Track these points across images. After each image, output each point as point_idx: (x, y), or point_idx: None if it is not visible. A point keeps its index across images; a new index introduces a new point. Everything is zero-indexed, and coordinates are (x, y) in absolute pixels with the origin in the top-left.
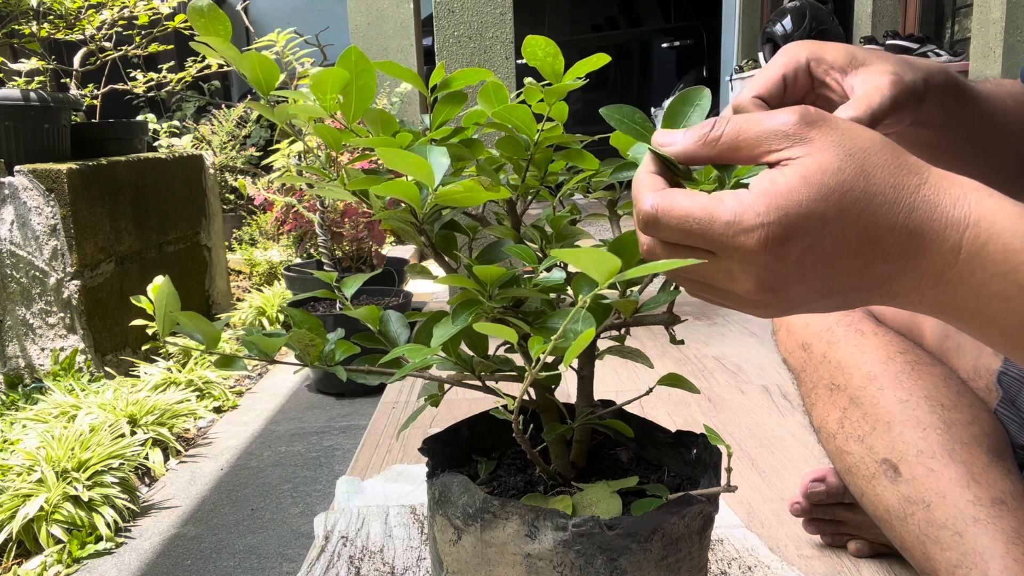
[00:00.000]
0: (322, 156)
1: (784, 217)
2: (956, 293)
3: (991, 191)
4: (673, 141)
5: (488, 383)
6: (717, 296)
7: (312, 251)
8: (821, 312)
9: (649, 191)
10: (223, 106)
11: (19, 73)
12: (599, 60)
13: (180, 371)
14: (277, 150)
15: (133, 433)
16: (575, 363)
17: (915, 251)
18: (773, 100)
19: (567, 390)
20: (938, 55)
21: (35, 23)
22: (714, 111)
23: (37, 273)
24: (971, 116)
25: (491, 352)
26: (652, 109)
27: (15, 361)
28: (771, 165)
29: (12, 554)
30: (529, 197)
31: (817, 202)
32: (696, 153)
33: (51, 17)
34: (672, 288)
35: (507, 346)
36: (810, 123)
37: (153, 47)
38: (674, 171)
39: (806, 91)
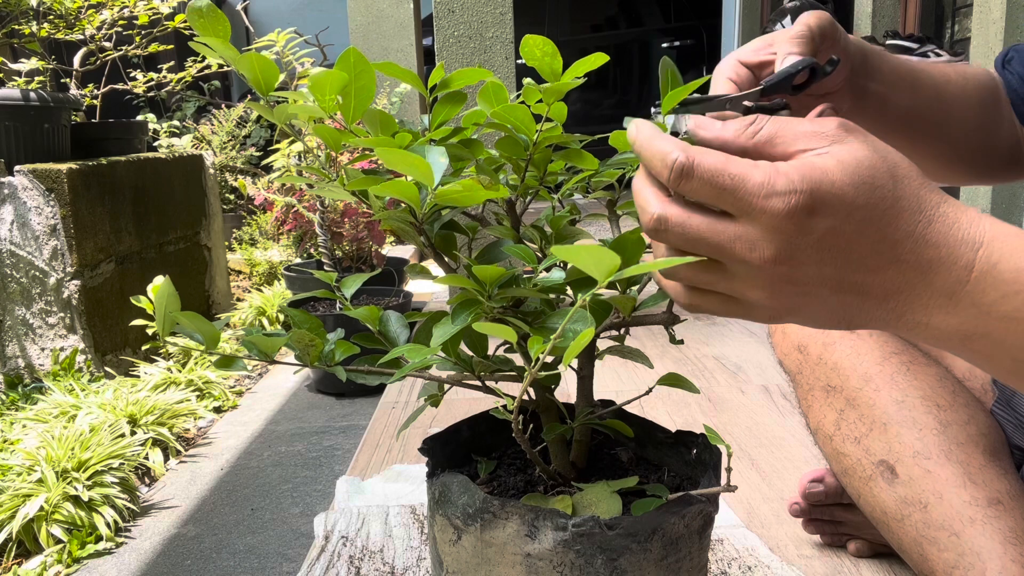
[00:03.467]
0: (322, 156)
1: (816, 190)
2: (965, 315)
3: (1002, 222)
4: (711, 127)
5: (488, 383)
6: (722, 285)
7: (312, 251)
8: (823, 319)
9: (677, 143)
10: (223, 106)
11: (19, 73)
12: (597, 59)
13: (180, 371)
14: (277, 150)
15: (133, 433)
16: (575, 363)
17: (928, 265)
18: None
19: (567, 390)
20: (938, 55)
21: (35, 23)
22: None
23: (37, 273)
24: (909, 83)
25: (491, 352)
26: (652, 109)
27: (15, 361)
28: None
29: (12, 554)
30: (528, 197)
31: (848, 187)
32: (731, 141)
33: (51, 17)
34: None
35: (507, 346)
36: (848, 129)
37: (153, 47)
38: None
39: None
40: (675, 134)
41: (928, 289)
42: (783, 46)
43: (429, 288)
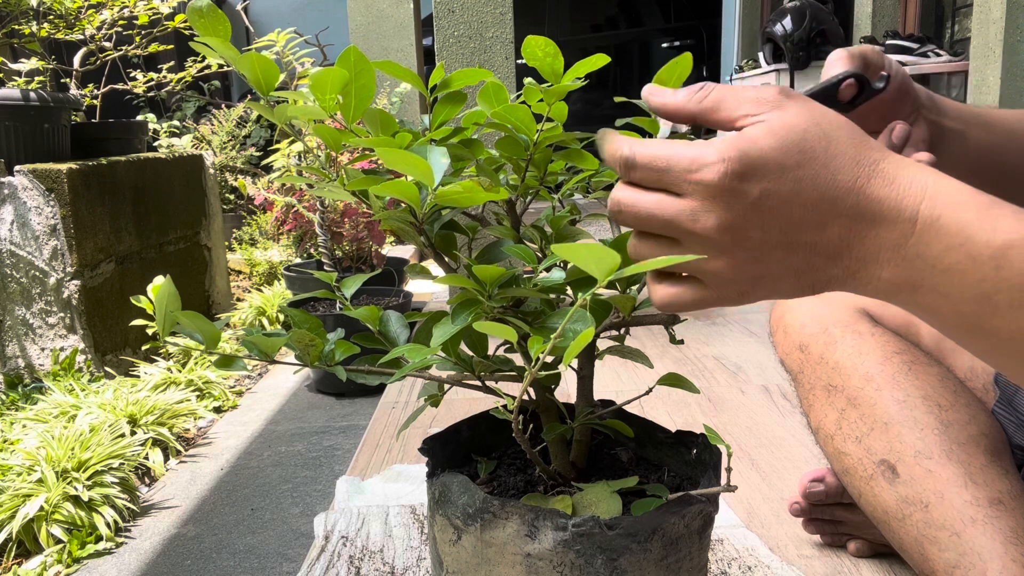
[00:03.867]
0: (322, 156)
1: (744, 156)
2: (913, 267)
3: (944, 174)
4: (663, 93)
5: (488, 383)
6: (677, 250)
7: (312, 251)
8: (788, 285)
9: (626, 140)
10: (223, 106)
11: (19, 73)
12: (599, 60)
13: (180, 371)
14: (277, 150)
15: (133, 433)
16: (575, 363)
17: (872, 218)
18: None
19: (567, 390)
20: (938, 55)
21: (35, 23)
22: None
23: (37, 273)
24: (982, 122)
25: (491, 352)
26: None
27: (15, 361)
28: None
29: (12, 554)
30: (528, 197)
31: (777, 151)
32: (681, 107)
33: (51, 17)
34: None
35: (507, 346)
36: (788, 95)
37: (153, 47)
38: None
39: None
40: (674, 133)
41: (875, 242)
42: (833, 64)
43: (429, 288)
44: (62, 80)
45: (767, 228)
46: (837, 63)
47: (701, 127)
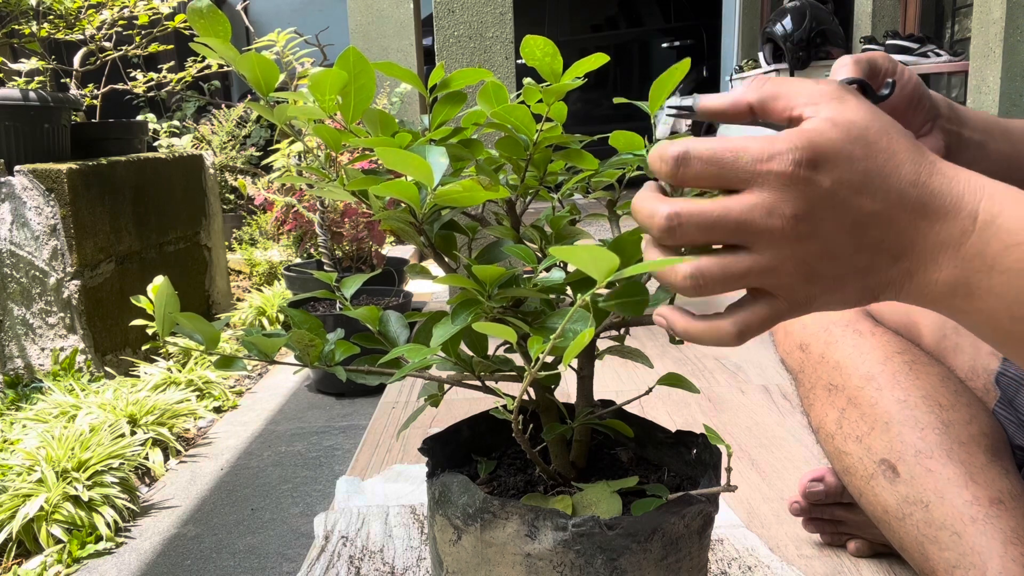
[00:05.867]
0: (322, 156)
1: (814, 146)
2: (971, 268)
3: (994, 179)
4: (715, 96)
5: (488, 383)
6: (754, 273)
7: (312, 251)
8: (848, 291)
9: (673, 142)
10: (223, 106)
11: (19, 73)
12: (597, 60)
13: (180, 371)
14: (277, 150)
15: (133, 433)
16: (575, 363)
17: (935, 213)
18: None
19: (567, 390)
20: (938, 55)
21: (35, 23)
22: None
23: (37, 273)
24: (1001, 131)
25: (491, 352)
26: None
27: (15, 361)
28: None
29: (12, 554)
30: (528, 197)
31: (844, 142)
32: (740, 97)
33: (51, 17)
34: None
35: (507, 346)
36: (846, 90)
37: (153, 47)
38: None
39: None
40: (674, 133)
41: (936, 240)
42: (838, 70)
43: (429, 288)
44: (62, 80)
45: (840, 220)
46: (842, 70)
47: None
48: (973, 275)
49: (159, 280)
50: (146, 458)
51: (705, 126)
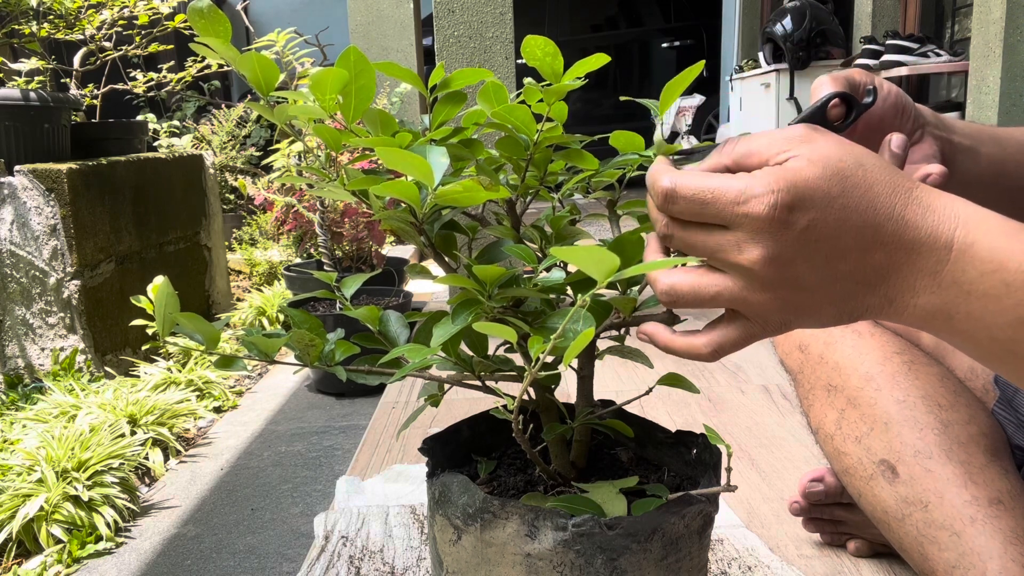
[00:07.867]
0: (322, 156)
1: (792, 187)
2: (948, 295)
3: (970, 202)
4: (694, 171)
5: (488, 383)
6: (725, 294)
7: (312, 251)
8: (827, 314)
9: (667, 171)
10: (223, 106)
11: (19, 73)
12: (598, 60)
13: (180, 371)
14: (277, 150)
15: (133, 433)
16: (575, 363)
17: (911, 246)
18: None
19: (567, 390)
20: (938, 55)
21: (35, 23)
22: (715, 111)
23: (37, 273)
24: (989, 136)
25: (491, 352)
26: (652, 110)
27: (15, 361)
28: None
29: (12, 554)
30: (528, 197)
31: (821, 180)
32: (714, 166)
33: (51, 17)
34: None
35: (507, 346)
36: (815, 131)
37: (153, 47)
38: None
39: None
40: (675, 134)
41: (913, 269)
42: (818, 89)
43: (429, 288)
44: (62, 80)
45: (812, 258)
46: (822, 87)
47: (703, 148)
48: (951, 301)
49: (159, 280)
50: (146, 458)
51: (706, 125)
